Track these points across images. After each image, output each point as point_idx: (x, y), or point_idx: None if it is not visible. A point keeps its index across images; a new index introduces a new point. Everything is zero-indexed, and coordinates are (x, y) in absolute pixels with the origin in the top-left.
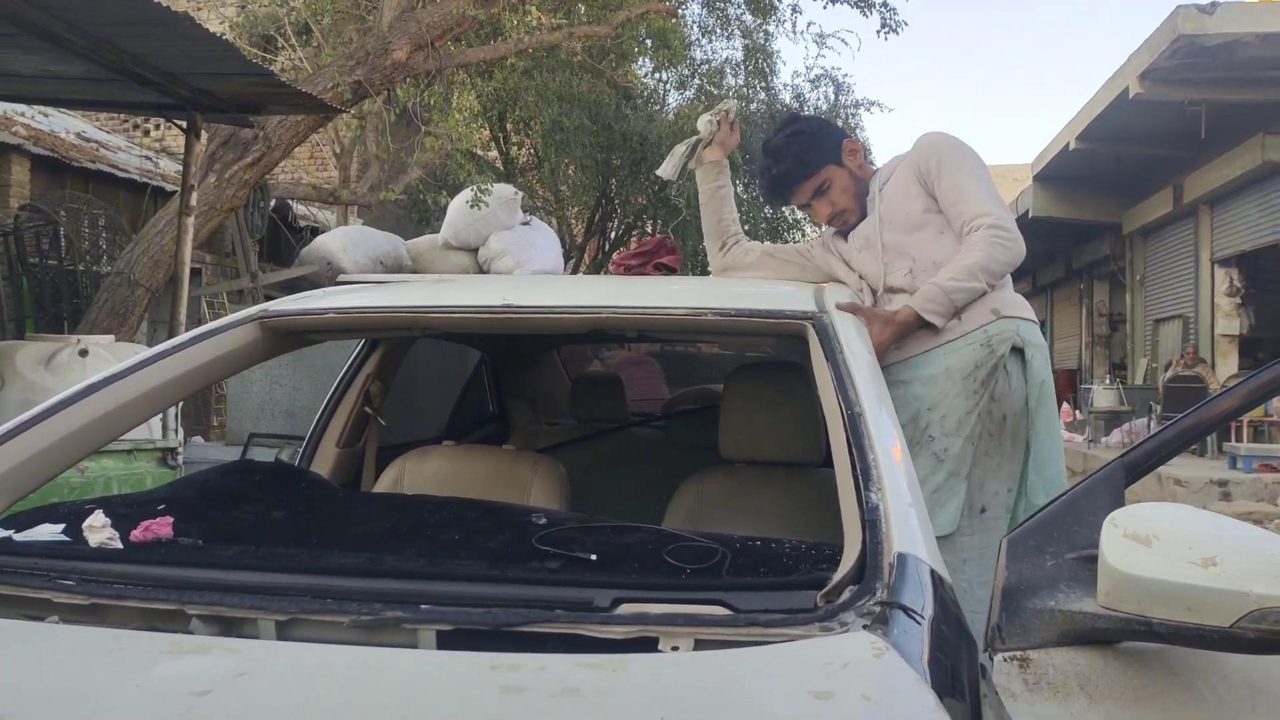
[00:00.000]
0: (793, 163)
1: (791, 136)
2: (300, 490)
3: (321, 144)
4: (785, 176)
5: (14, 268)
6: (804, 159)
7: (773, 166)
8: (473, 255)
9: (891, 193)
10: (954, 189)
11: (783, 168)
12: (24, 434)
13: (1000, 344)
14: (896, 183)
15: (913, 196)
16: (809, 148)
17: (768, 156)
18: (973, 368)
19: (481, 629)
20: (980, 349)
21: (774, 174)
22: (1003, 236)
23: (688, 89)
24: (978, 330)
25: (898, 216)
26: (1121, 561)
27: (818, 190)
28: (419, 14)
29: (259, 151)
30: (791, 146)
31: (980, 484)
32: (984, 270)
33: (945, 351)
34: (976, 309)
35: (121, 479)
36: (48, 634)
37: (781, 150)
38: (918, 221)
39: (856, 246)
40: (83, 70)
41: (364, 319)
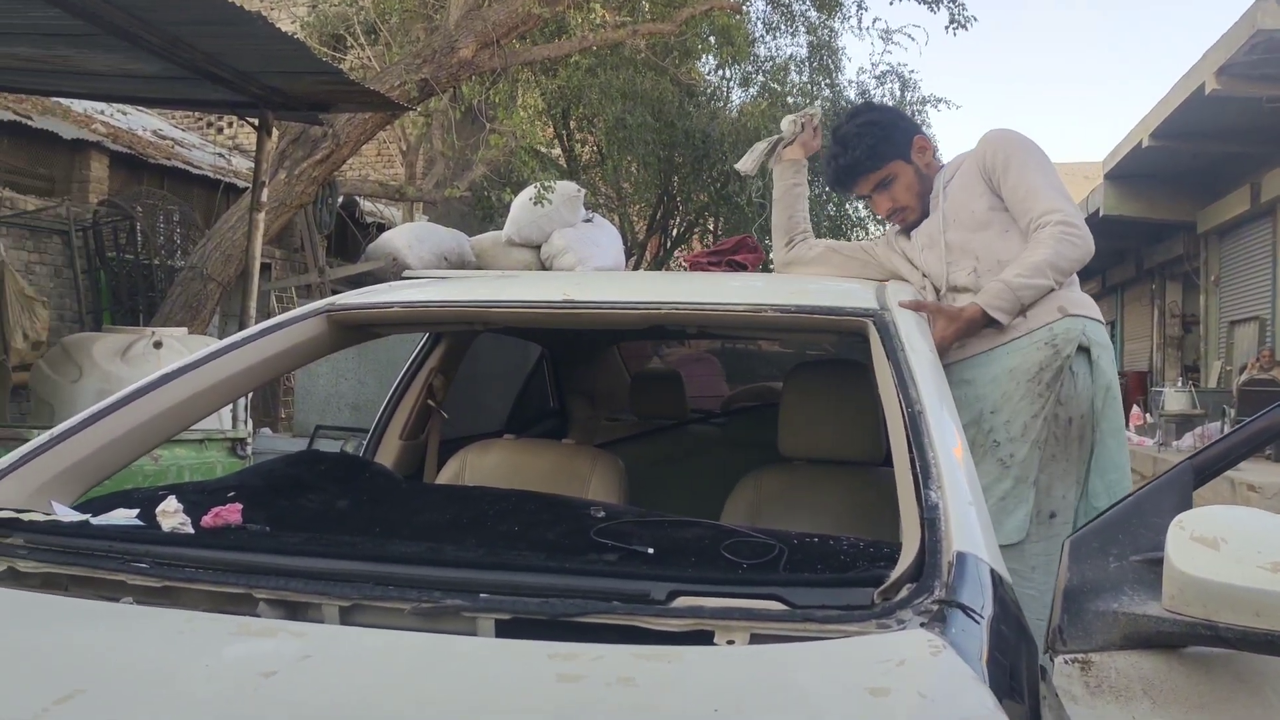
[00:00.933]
0: (862, 153)
1: (864, 127)
2: (364, 481)
3: (388, 141)
4: (852, 167)
5: (92, 262)
6: (874, 151)
7: (840, 155)
8: (535, 252)
9: (956, 191)
10: (1020, 186)
11: (850, 157)
12: (100, 422)
13: (1066, 344)
14: (961, 181)
15: (977, 195)
16: (880, 141)
17: (837, 144)
18: (1037, 369)
19: (539, 618)
20: (1045, 349)
21: (840, 163)
22: (1071, 233)
23: (751, 86)
24: (1043, 329)
25: (962, 215)
26: (1188, 564)
27: (881, 183)
28: (485, 12)
29: (328, 149)
30: (863, 138)
31: (1047, 489)
32: (1052, 267)
33: (1009, 350)
34: (1042, 307)
35: (193, 467)
36: (122, 614)
37: (852, 140)
38: (982, 220)
39: (920, 245)
40: (159, 69)
41: (428, 313)
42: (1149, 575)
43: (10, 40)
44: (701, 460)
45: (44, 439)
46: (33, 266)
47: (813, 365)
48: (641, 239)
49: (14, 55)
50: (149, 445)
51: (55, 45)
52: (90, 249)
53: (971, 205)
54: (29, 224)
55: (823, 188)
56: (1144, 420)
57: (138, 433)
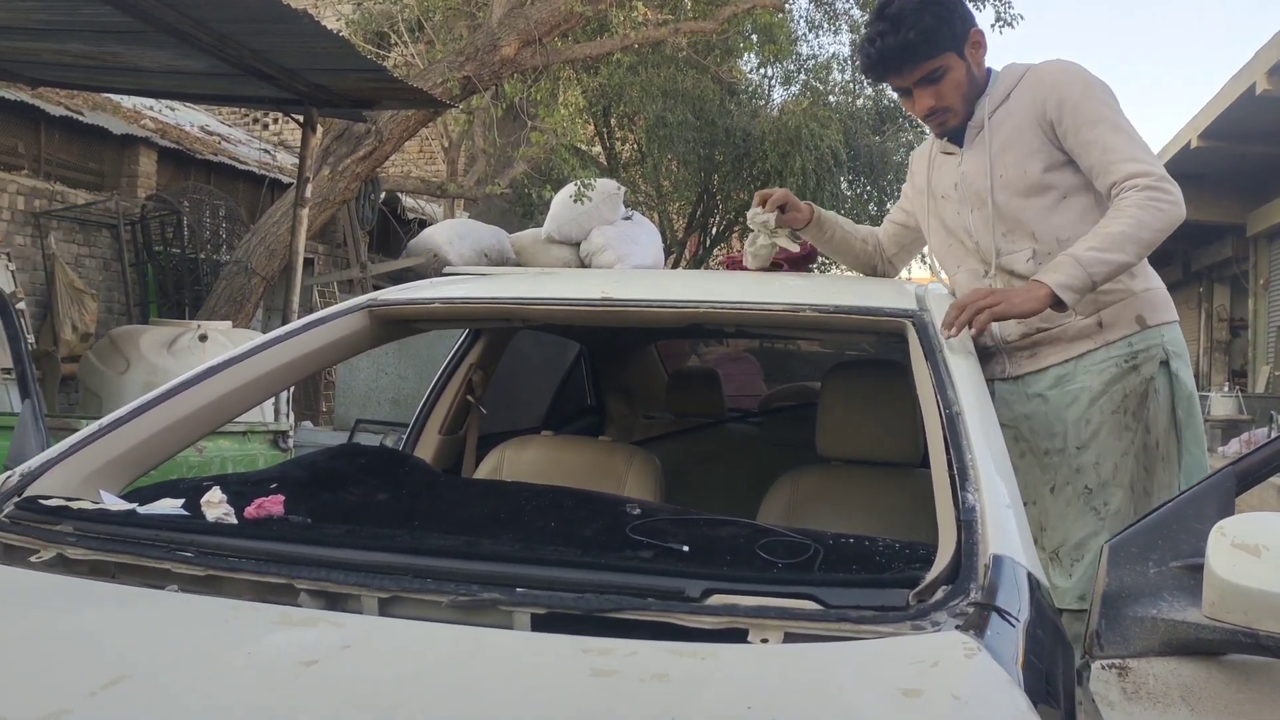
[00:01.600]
0: (917, 36)
1: (925, 4)
2: (404, 474)
3: (430, 138)
4: (903, 50)
5: (140, 255)
6: (930, 36)
7: (889, 34)
8: (575, 249)
9: (1008, 138)
10: (1096, 143)
11: (901, 39)
12: (147, 413)
13: (1147, 362)
14: (1014, 128)
15: (1033, 151)
16: (941, 24)
17: (884, 20)
18: (1122, 396)
19: (574, 613)
20: (1127, 371)
21: (887, 42)
22: (1160, 198)
23: (793, 84)
24: (1120, 343)
25: (1013, 176)
26: (1229, 571)
27: (928, 76)
28: (528, 10)
29: (371, 145)
30: (922, 17)
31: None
32: (1134, 241)
33: (1085, 367)
34: (1120, 312)
35: (236, 459)
36: (168, 601)
37: (908, 17)
38: (1036, 184)
39: (962, 199)
40: (207, 66)
41: (468, 309)
42: (1189, 581)
43: (63, 38)
44: (738, 459)
45: (93, 429)
46: (82, 260)
47: (851, 365)
48: (681, 237)
49: (66, 52)
50: (195, 437)
51: (106, 42)
52: (138, 243)
53: (1025, 164)
54: (79, 218)
55: (860, 186)
56: None
57: (184, 424)
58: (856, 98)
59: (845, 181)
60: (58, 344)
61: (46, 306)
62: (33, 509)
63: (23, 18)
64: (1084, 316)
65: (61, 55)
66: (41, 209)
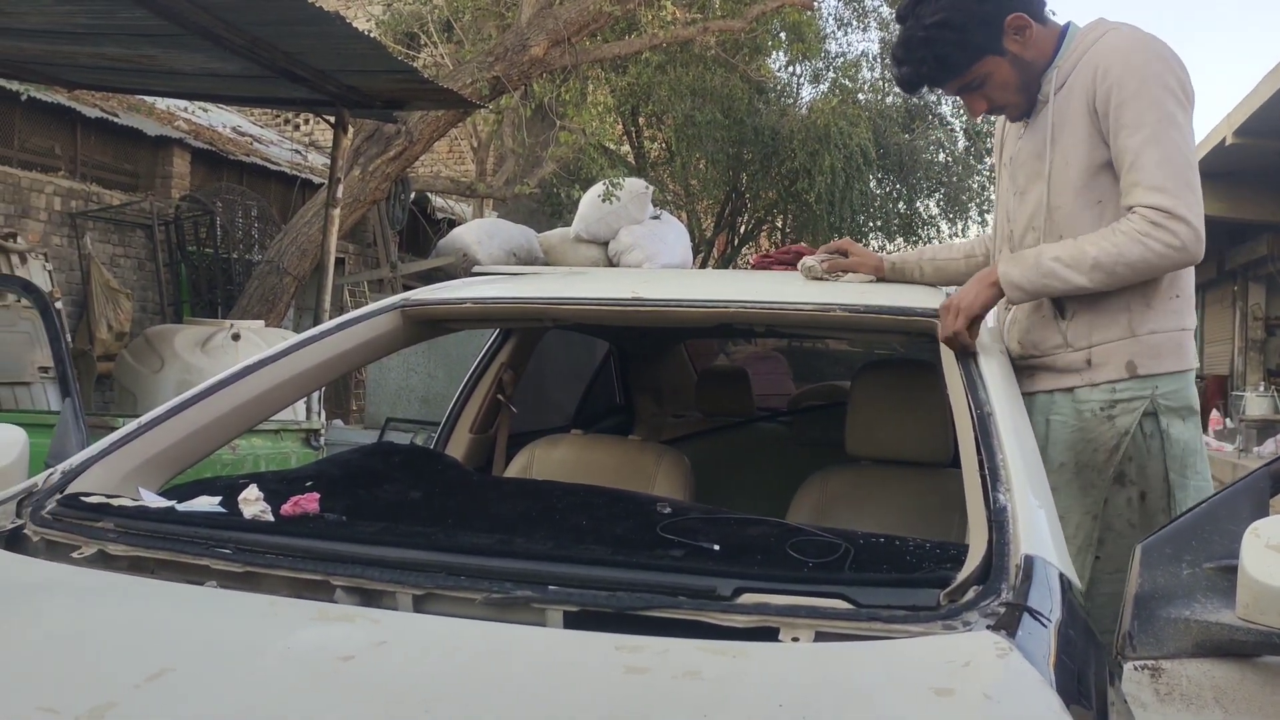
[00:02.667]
0: (931, 67)
1: (933, 30)
2: (437, 473)
3: (460, 138)
4: (920, 80)
5: (174, 255)
6: (947, 61)
7: (904, 62)
8: (603, 249)
9: (1060, 121)
10: (1127, 154)
11: (914, 71)
12: (185, 412)
13: (1125, 414)
14: (1068, 107)
15: (1078, 143)
16: (955, 47)
17: (899, 47)
18: (1091, 451)
19: (606, 611)
20: (1098, 420)
21: (904, 72)
22: (1160, 237)
23: (822, 83)
24: (1104, 386)
25: (1059, 170)
26: (1263, 573)
27: (966, 86)
28: (557, 10)
29: (401, 146)
30: (931, 45)
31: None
32: (1103, 270)
33: (1066, 403)
34: (1110, 354)
35: (269, 457)
36: (206, 597)
37: (915, 48)
38: (1080, 184)
39: (1012, 177)
40: (240, 68)
41: (499, 309)
42: (1223, 583)
43: (99, 41)
44: (767, 459)
45: (131, 427)
46: (117, 260)
47: (881, 365)
48: (709, 236)
49: (102, 55)
50: (231, 435)
51: (141, 46)
52: (172, 243)
53: (1070, 157)
54: (114, 218)
55: (890, 184)
56: (1224, 425)
57: (221, 423)
58: (886, 96)
59: (874, 180)
60: (93, 343)
61: (82, 306)
62: (74, 506)
63: (60, 21)
64: (1074, 349)
65: (98, 58)
66: (78, 210)
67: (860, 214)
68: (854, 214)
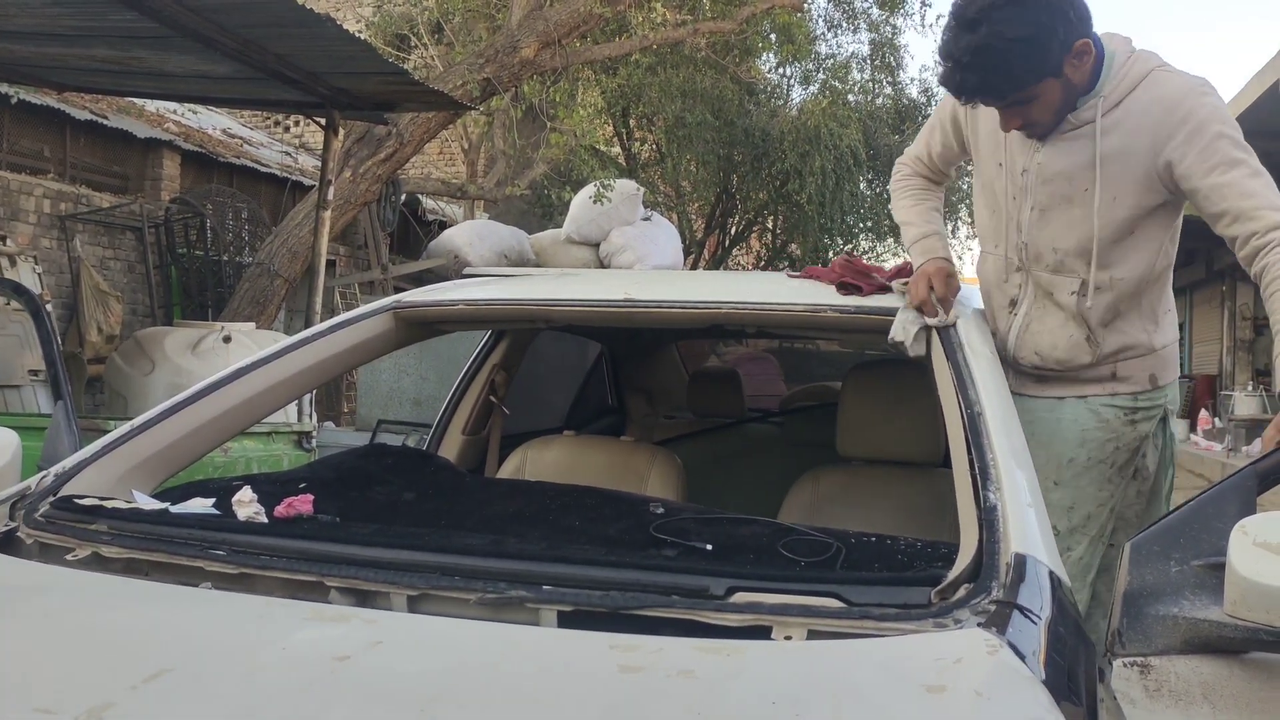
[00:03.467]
0: (1000, 80)
1: (1015, 45)
2: (430, 474)
3: (450, 140)
4: (984, 90)
5: (164, 257)
6: (1016, 78)
7: (971, 69)
8: (594, 250)
9: (1110, 152)
10: (1233, 188)
11: (982, 80)
12: (178, 414)
13: (1146, 420)
14: (1121, 141)
15: (1133, 182)
16: (1028, 66)
17: (967, 51)
18: (1112, 450)
19: (600, 611)
20: (1124, 424)
21: (968, 80)
22: None
23: (812, 84)
24: (1127, 396)
25: (1104, 200)
26: (1251, 570)
27: (1016, 102)
28: (547, 12)
29: (392, 147)
30: (1009, 59)
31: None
32: None
33: (1086, 406)
34: (1136, 368)
35: (261, 459)
36: (201, 599)
37: (988, 57)
38: (1123, 218)
39: (1025, 189)
40: (230, 70)
41: (492, 311)
42: (1210, 580)
43: (89, 43)
44: (759, 459)
45: (125, 430)
46: (107, 262)
47: (871, 365)
48: (700, 237)
49: (92, 57)
50: (224, 437)
51: (131, 47)
52: (162, 245)
53: (1120, 192)
54: (104, 220)
55: (879, 185)
56: (1213, 424)
57: (214, 425)
58: (875, 97)
59: (864, 181)
60: (83, 346)
61: (72, 309)
62: (68, 508)
63: (50, 23)
64: (1100, 365)
65: (88, 60)
66: (67, 212)
67: (850, 215)
68: (844, 215)
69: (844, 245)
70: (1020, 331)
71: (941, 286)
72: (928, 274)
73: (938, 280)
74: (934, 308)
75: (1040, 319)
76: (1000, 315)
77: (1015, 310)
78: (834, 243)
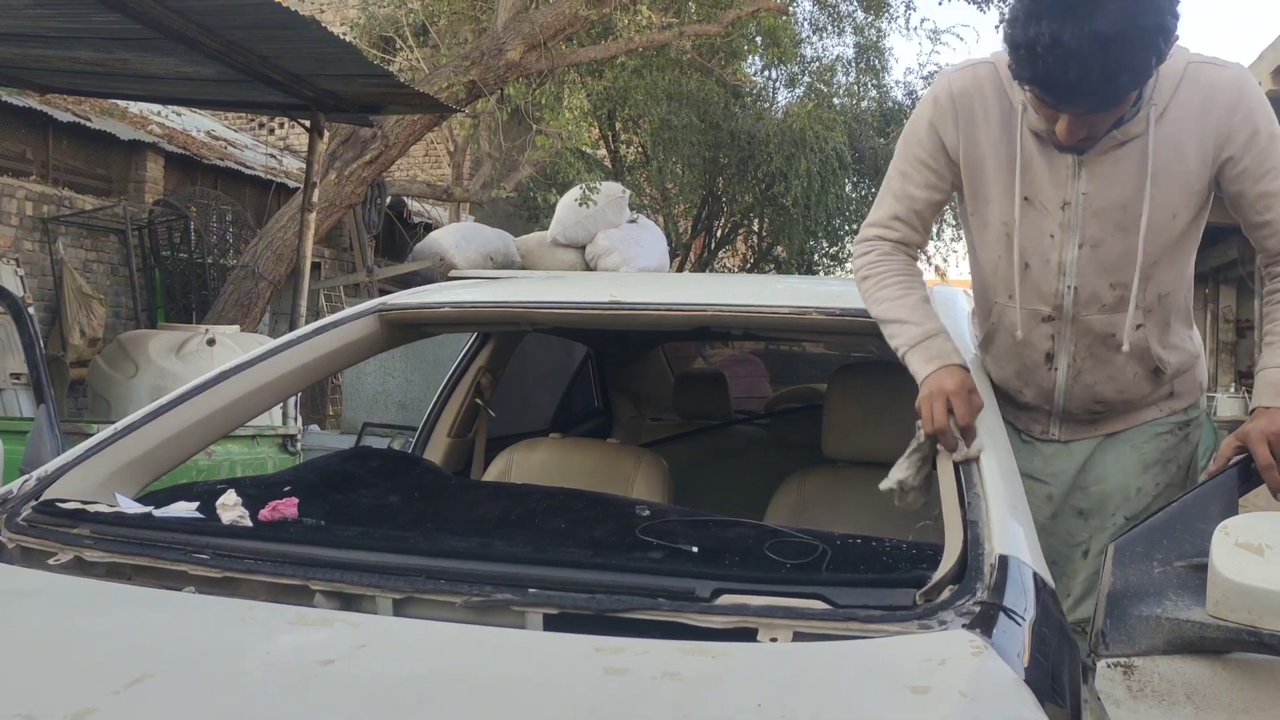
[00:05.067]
0: (1127, 75)
1: (1146, 33)
2: (415, 477)
3: (436, 142)
4: (1101, 88)
5: (148, 260)
6: (1136, 72)
7: (1074, 66)
8: (580, 252)
9: (1164, 162)
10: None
11: (1106, 76)
12: (162, 417)
13: (1196, 428)
14: (1173, 144)
15: (1186, 186)
16: (1151, 60)
17: (1087, 42)
18: (1175, 469)
19: (586, 613)
20: (1179, 441)
21: (1077, 78)
22: None
23: (797, 87)
24: (1181, 411)
25: (1159, 215)
26: (1233, 571)
27: (1098, 108)
28: (533, 14)
29: (377, 149)
30: (1140, 47)
31: None
32: None
33: (1142, 433)
34: (1189, 381)
35: (245, 462)
36: (185, 603)
37: (1117, 47)
38: (1178, 231)
39: (1070, 225)
40: (215, 72)
41: (478, 313)
42: (1193, 581)
43: (72, 44)
44: (745, 461)
45: (108, 433)
46: (90, 265)
47: (857, 367)
48: (686, 240)
49: (75, 59)
50: (208, 440)
51: (115, 49)
52: (145, 248)
53: (1176, 202)
54: (87, 223)
55: (865, 188)
56: None
57: (199, 428)
58: (860, 100)
59: (850, 183)
60: (66, 349)
61: (55, 311)
62: (50, 512)
63: (32, 25)
64: (1162, 387)
65: (71, 62)
66: (50, 214)
67: (836, 217)
68: (829, 217)
69: (829, 248)
70: (1068, 386)
71: (963, 408)
72: (945, 392)
73: (958, 401)
74: (954, 438)
75: (1094, 369)
76: (1031, 374)
77: (1054, 365)
78: (819, 245)
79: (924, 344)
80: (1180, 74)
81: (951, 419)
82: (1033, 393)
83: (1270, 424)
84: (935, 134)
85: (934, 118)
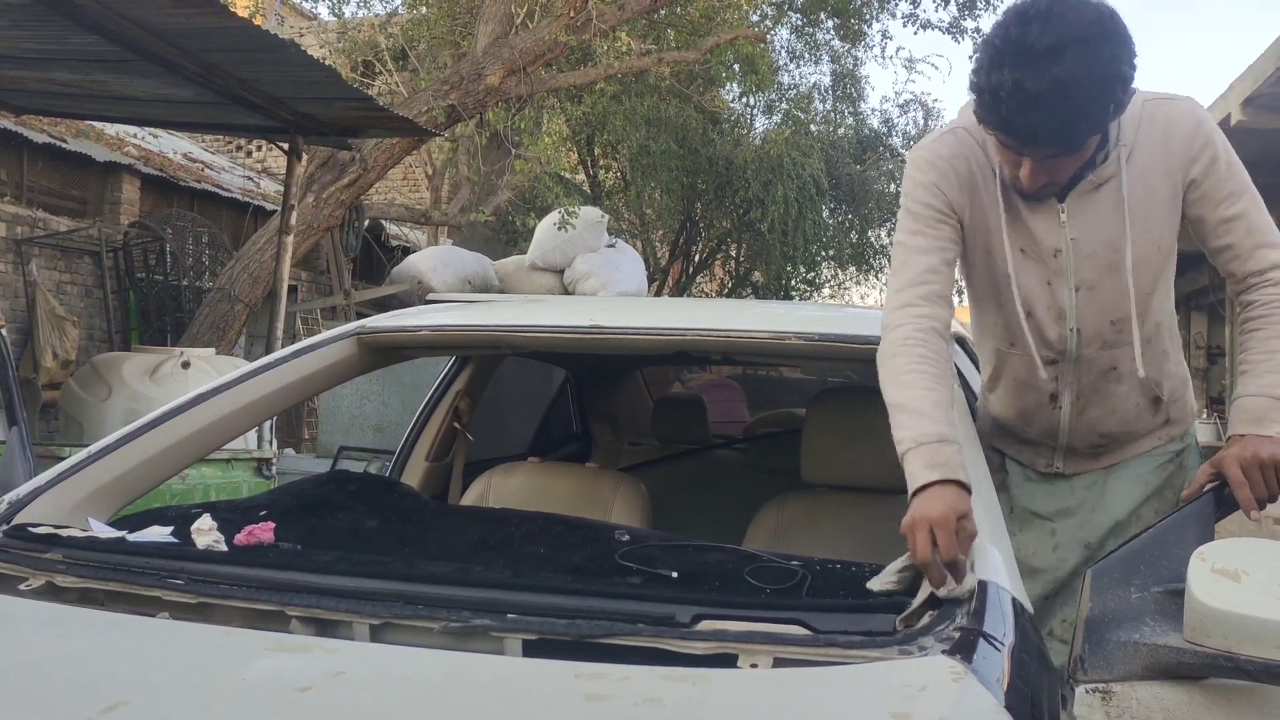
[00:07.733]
0: (1083, 121)
1: (1103, 81)
2: (392, 501)
3: (414, 166)
4: (1059, 134)
5: (122, 282)
6: (1093, 119)
7: (1035, 111)
8: (558, 276)
9: (1140, 198)
10: (1241, 221)
11: (1063, 122)
12: (135, 440)
13: (1189, 453)
14: (1144, 180)
15: (1162, 216)
16: (1109, 107)
17: (1045, 88)
18: (1172, 498)
19: (565, 639)
20: (1175, 469)
21: (1037, 123)
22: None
23: (775, 114)
24: (1178, 441)
25: (1145, 249)
26: (1209, 596)
27: (1059, 154)
28: (512, 40)
29: (355, 173)
30: (1097, 94)
31: None
32: None
33: (1141, 463)
34: (1183, 406)
35: (219, 486)
36: (159, 629)
37: (1072, 93)
38: (1162, 260)
39: (1062, 271)
40: (193, 94)
41: (456, 337)
42: (1170, 606)
43: (49, 66)
44: (724, 485)
45: (81, 456)
46: (64, 286)
47: (835, 391)
48: (664, 264)
49: (51, 80)
50: (183, 464)
51: (93, 71)
52: (120, 270)
53: (1157, 233)
54: (61, 245)
55: (842, 214)
56: None
57: (173, 451)
58: (838, 127)
59: (827, 210)
60: (38, 371)
61: (27, 334)
62: (21, 537)
63: (7, 46)
64: (1156, 415)
65: (47, 83)
66: (23, 236)
67: (813, 244)
68: (807, 244)
69: (806, 273)
70: (1071, 422)
71: (947, 541)
72: (929, 521)
73: (942, 534)
74: (940, 575)
75: (1097, 403)
76: (1035, 414)
77: (1058, 403)
78: (796, 270)
79: (931, 447)
80: (1139, 113)
81: (936, 553)
82: (1037, 430)
83: (1244, 450)
84: (940, 193)
85: (934, 179)
